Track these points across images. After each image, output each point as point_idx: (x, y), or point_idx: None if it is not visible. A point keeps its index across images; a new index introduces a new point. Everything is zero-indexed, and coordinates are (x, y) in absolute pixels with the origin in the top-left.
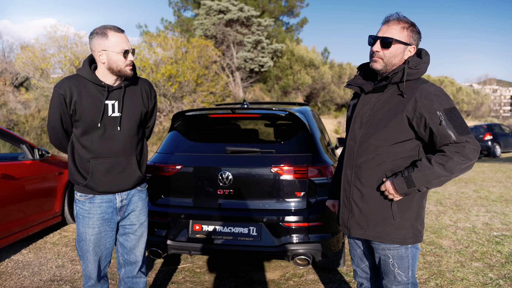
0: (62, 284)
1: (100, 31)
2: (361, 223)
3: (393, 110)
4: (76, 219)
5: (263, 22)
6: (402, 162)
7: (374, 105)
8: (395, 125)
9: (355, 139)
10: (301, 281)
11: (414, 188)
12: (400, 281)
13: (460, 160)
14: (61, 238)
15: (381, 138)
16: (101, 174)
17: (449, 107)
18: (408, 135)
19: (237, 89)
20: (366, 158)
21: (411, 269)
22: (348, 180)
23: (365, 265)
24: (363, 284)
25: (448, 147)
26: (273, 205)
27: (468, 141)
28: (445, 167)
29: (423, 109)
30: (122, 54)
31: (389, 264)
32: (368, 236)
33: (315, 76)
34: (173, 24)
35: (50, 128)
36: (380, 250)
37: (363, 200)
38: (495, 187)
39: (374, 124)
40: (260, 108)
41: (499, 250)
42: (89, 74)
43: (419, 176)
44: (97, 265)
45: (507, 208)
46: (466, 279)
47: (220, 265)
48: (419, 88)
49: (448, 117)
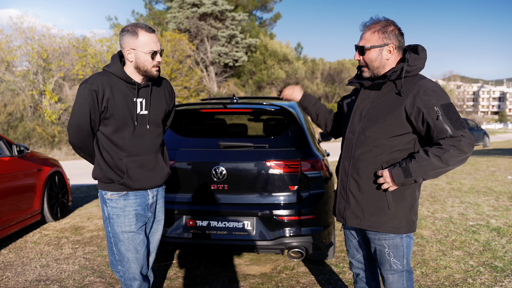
0: (50, 284)
1: (131, 29)
2: (357, 213)
3: (391, 104)
4: (108, 221)
5: (237, 16)
6: (398, 154)
7: (373, 100)
8: (393, 119)
9: (354, 131)
10: (292, 274)
11: (411, 178)
12: (395, 269)
13: (456, 153)
14: (42, 237)
15: (379, 131)
16: (136, 171)
17: (445, 102)
18: (405, 129)
19: (212, 83)
20: (364, 150)
21: (406, 258)
22: (345, 171)
23: (361, 256)
24: (359, 275)
25: (445, 140)
26: (267, 199)
27: (464, 136)
28: (441, 159)
29: (421, 104)
30: (150, 54)
31: (385, 253)
32: (363, 226)
33: (289, 71)
34: (145, 17)
35: (74, 126)
36: (376, 240)
37: (360, 190)
38: (466, 179)
39: (373, 118)
40: (252, 103)
41: (476, 239)
42: (120, 72)
43: (416, 166)
44: (140, 264)
45: (479, 199)
46: (449, 267)
47: (210, 260)
48: (418, 83)
49: (445, 112)
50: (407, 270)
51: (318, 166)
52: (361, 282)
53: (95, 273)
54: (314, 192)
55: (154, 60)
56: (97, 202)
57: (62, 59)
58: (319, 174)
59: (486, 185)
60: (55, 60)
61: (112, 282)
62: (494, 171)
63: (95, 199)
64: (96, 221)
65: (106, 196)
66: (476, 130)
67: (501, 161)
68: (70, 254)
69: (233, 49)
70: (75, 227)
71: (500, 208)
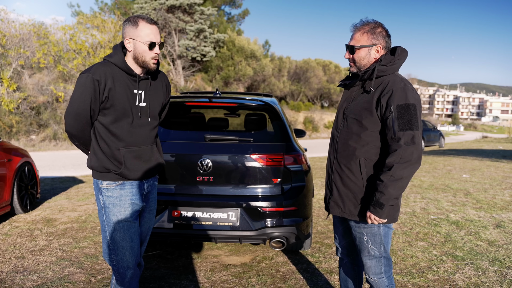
0: (28, 275)
1: (133, 19)
2: (338, 202)
3: (365, 102)
4: (103, 210)
5: (206, 10)
6: (374, 149)
7: (352, 99)
8: (366, 116)
9: (337, 128)
10: (272, 263)
11: (385, 206)
12: (373, 255)
13: (402, 165)
14: (12, 228)
15: (356, 128)
16: (132, 162)
17: (403, 103)
18: (377, 125)
19: (179, 77)
20: (344, 145)
21: (383, 245)
22: (330, 165)
23: (346, 242)
24: (343, 260)
25: (391, 146)
26: (251, 191)
27: (407, 142)
28: (394, 177)
29: (383, 101)
30: (148, 45)
31: (364, 240)
32: (344, 215)
33: (256, 68)
34: (110, 6)
35: (73, 114)
36: (356, 228)
37: (342, 182)
38: (425, 176)
39: (351, 115)
40: (236, 97)
41: (438, 231)
42: (122, 63)
43: (381, 196)
44: (135, 252)
45: (439, 195)
46: (415, 256)
47: (190, 251)
48: (388, 82)
49: (398, 112)
50: (384, 257)
51: (299, 160)
52: (345, 266)
53: (74, 264)
54: (296, 185)
55: (152, 51)
56: (66, 194)
57: (21, 46)
58: (300, 168)
59: (444, 182)
60: (14, 46)
61: (93, 273)
62: (451, 169)
63: (63, 192)
64: (68, 213)
65: (102, 185)
66: (433, 131)
67: (456, 161)
68: (45, 246)
69: (201, 44)
70: (47, 219)
71: (457, 204)
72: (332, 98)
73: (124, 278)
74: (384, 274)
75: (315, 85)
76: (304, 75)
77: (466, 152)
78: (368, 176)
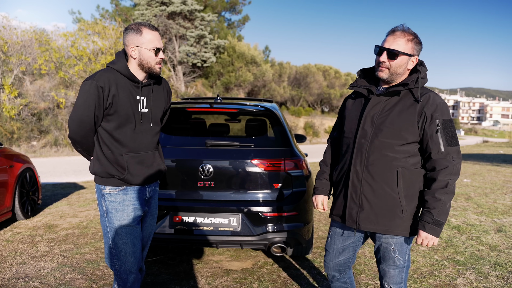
0: (29, 281)
1: (135, 27)
2: (371, 217)
3: (405, 112)
4: (106, 215)
5: (207, 17)
6: (412, 159)
7: (384, 106)
8: (406, 126)
9: (366, 137)
10: (273, 268)
11: (442, 225)
12: (398, 265)
13: (453, 180)
14: (14, 235)
15: (392, 137)
16: (135, 168)
17: (447, 118)
18: (415, 136)
19: (179, 83)
20: (378, 155)
21: (407, 254)
22: (358, 177)
23: (341, 260)
24: (335, 276)
25: (437, 160)
26: (252, 196)
27: (454, 159)
28: (448, 192)
29: (428, 114)
30: (154, 51)
31: (390, 250)
32: (377, 230)
33: (256, 73)
34: (111, 13)
35: (77, 121)
36: (383, 239)
37: (375, 195)
38: None
39: (387, 124)
40: (237, 103)
41: (439, 236)
42: (125, 69)
43: (439, 213)
44: (137, 257)
45: None
46: (416, 261)
47: (191, 256)
48: (427, 95)
49: (444, 127)
50: (407, 266)
51: (300, 165)
52: (338, 282)
53: (76, 270)
54: (297, 190)
55: (157, 56)
56: (67, 200)
57: (23, 53)
58: (301, 173)
59: None
60: (16, 53)
61: (94, 279)
62: None
63: (64, 198)
64: (69, 219)
65: (105, 190)
66: None
67: None
68: (47, 252)
69: (202, 50)
70: (48, 225)
71: (458, 208)
72: (333, 103)
73: (126, 282)
74: (403, 284)
75: (315, 91)
76: (304, 81)
77: (467, 156)
78: (404, 187)
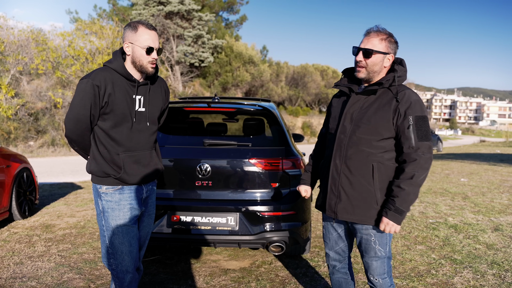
0: (27, 281)
1: (133, 24)
2: (348, 208)
3: (381, 109)
4: (102, 214)
5: (204, 16)
6: (387, 155)
7: (363, 104)
8: (382, 123)
9: (345, 133)
10: (271, 268)
11: (404, 213)
12: (379, 256)
13: (420, 173)
14: (11, 234)
15: (369, 133)
16: (132, 167)
17: (420, 115)
18: (391, 132)
19: (177, 83)
20: (355, 150)
21: (388, 245)
22: (337, 169)
23: (339, 248)
24: (336, 266)
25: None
26: (250, 195)
27: (424, 153)
28: (413, 184)
29: (402, 111)
30: (146, 50)
31: (371, 241)
32: (353, 220)
33: (254, 73)
34: (108, 13)
35: (73, 120)
36: (363, 230)
37: (352, 187)
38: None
39: (364, 120)
40: (235, 103)
41: (437, 235)
42: (122, 68)
43: (402, 202)
44: (134, 257)
45: (437, 199)
46: (414, 260)
47: (189, 256)
48: (403, 92)
49: (416, 124)
50: (388, 257)
51: (298, 165)
52: (338, 273)
53: (73, 270)
54: (294, 189)
55: (149, 56)
56: (64, 200)
57: (20, 53)
58: (299, 172)
59: (442, 186)
60: (13, 53)
61: (92, 278)
62: (449, 173)
63: (61, 198)
64: (66, 219)
65: (101, 190)
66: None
67: (454, 165)
68: (44, 252)
69: (200, 49)
70: (45, 225)
71: (455, 208)
72: None
73: (123, 282)
74: (387, 274)
75: (313, 90)
76: (302, 80)
77: (464, 156)
78: (379, 180)
